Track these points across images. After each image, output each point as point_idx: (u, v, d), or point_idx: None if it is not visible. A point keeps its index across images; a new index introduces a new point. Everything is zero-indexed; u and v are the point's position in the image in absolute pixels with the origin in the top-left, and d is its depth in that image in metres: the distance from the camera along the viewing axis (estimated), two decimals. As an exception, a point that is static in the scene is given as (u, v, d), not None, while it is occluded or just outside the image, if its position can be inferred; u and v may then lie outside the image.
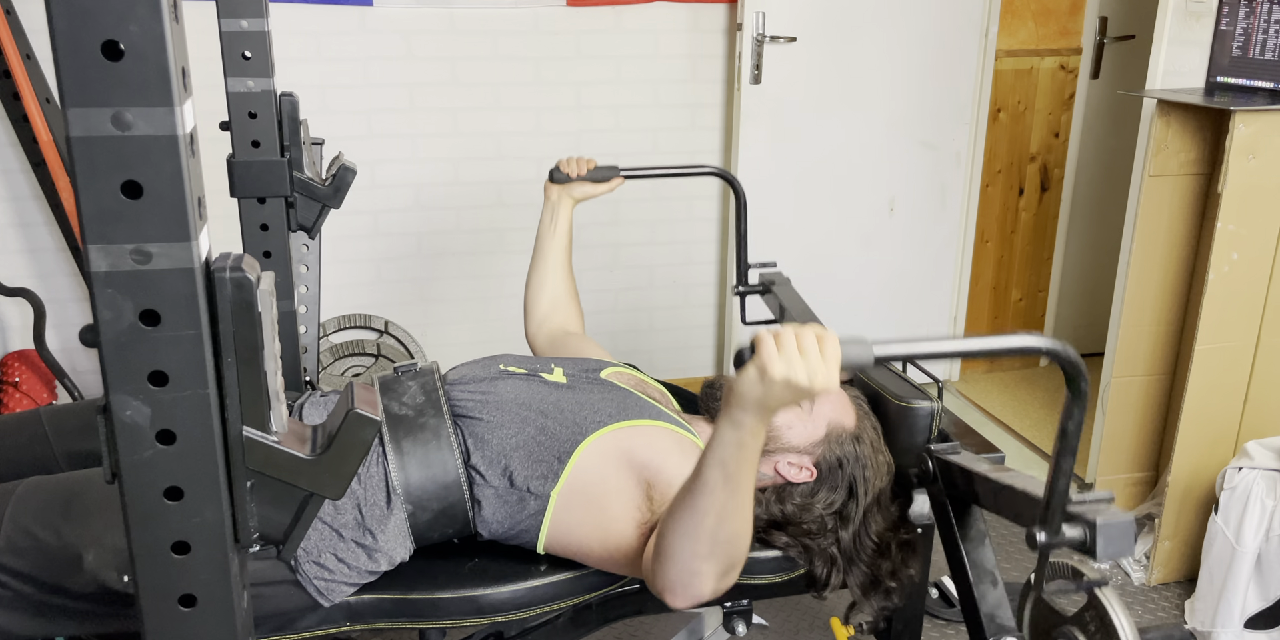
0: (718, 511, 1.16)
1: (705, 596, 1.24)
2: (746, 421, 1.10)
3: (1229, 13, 2.32)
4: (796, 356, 1.04)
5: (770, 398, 1.07)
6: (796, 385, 1.04)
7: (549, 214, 1.91)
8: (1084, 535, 1.09)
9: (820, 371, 1.04)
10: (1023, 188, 3.60)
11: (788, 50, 3.09)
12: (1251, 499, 2.09)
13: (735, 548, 1.21)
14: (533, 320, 1.93)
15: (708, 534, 1.18)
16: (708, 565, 1.21)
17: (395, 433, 1.42)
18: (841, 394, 1.56)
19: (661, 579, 1.25)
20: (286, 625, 1.37)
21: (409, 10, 2.94)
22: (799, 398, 1.06)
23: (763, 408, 1.09)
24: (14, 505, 1.32)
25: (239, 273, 0.70)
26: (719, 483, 1.15)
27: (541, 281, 1.92)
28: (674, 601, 1.25)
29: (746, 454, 1.13)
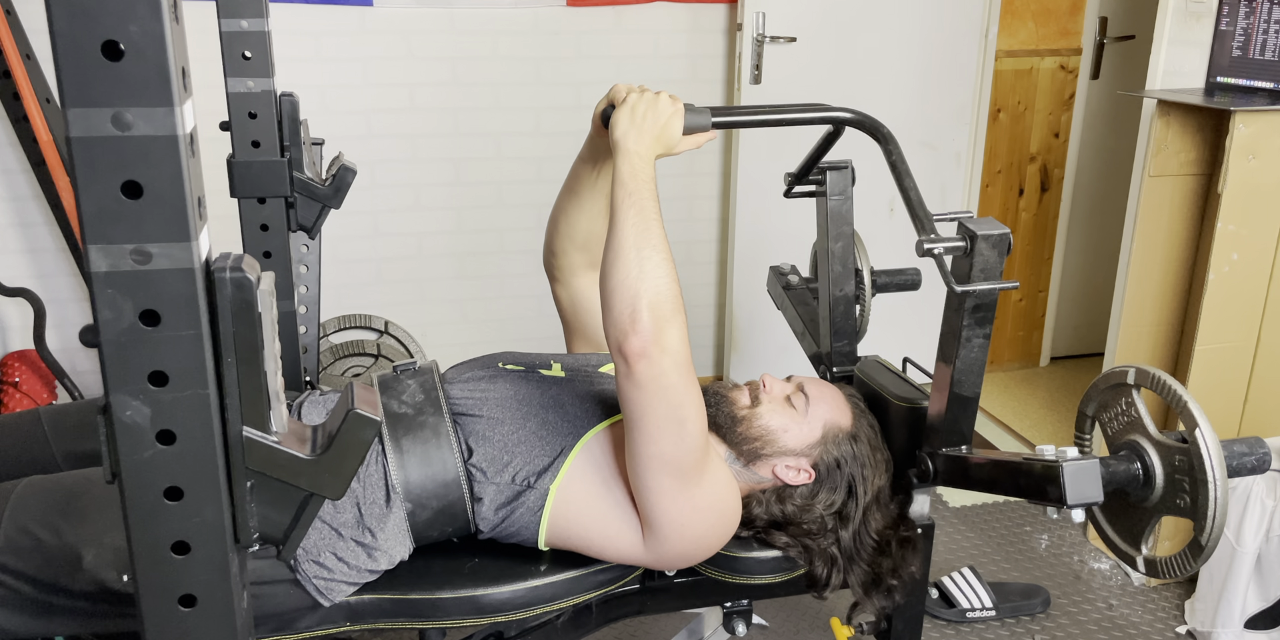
0: (631, 226, 1.30)
1: (651, 332, 1.25)
2: (628, 144, 1.36)
3: (1229, 13, 2.32)
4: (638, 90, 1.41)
5: (635, 113, 1.37)
6: (647, 95, 1.39)
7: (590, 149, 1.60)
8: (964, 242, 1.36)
9: (662, 96, 1.39)
10: (1023, 188, 3.60)
11: (788, 50, 3.09)
12: (1251, 499, 2.09)
13: (661, 267, 1.29)
14: (560, 266, 1.71)
15: (630, 250, 1.29)
16: (644, 284, 1.27)
17: (395, 431, 1.42)
18: (837, 394, 1.56)
19: (612, 327, 1.28)
20: (286, 625, 1.37)
21: (409, 10, 2.94)
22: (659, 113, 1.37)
23: (635, 127, 1.36)
24: (13, 505, 1.33)
25: (239, 273, 0.70)
26: (623, 199, 1.32)
27: (573, 223, 1.66)
28: (628, 344, 1.26)
29: (640, 175, 1.34)
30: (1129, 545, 1.35)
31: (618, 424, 1.46)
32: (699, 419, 1.33)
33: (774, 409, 1.51)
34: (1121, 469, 1.28)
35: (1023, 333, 3.78)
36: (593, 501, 1.41)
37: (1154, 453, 1.27)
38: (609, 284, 1.30)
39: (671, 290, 1.29)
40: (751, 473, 1.49)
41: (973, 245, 1.34)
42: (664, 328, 1.26)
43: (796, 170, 1.78)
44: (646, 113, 1.37)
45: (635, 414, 1.31)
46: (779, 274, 2.05)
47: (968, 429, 1.46)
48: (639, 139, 1.36)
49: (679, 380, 1.28)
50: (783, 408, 1.51)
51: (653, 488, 1.35)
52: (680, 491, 1.35)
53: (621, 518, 1.40)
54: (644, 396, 1.28)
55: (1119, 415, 1.34)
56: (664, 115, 1.38)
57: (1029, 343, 3.80)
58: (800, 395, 1.52)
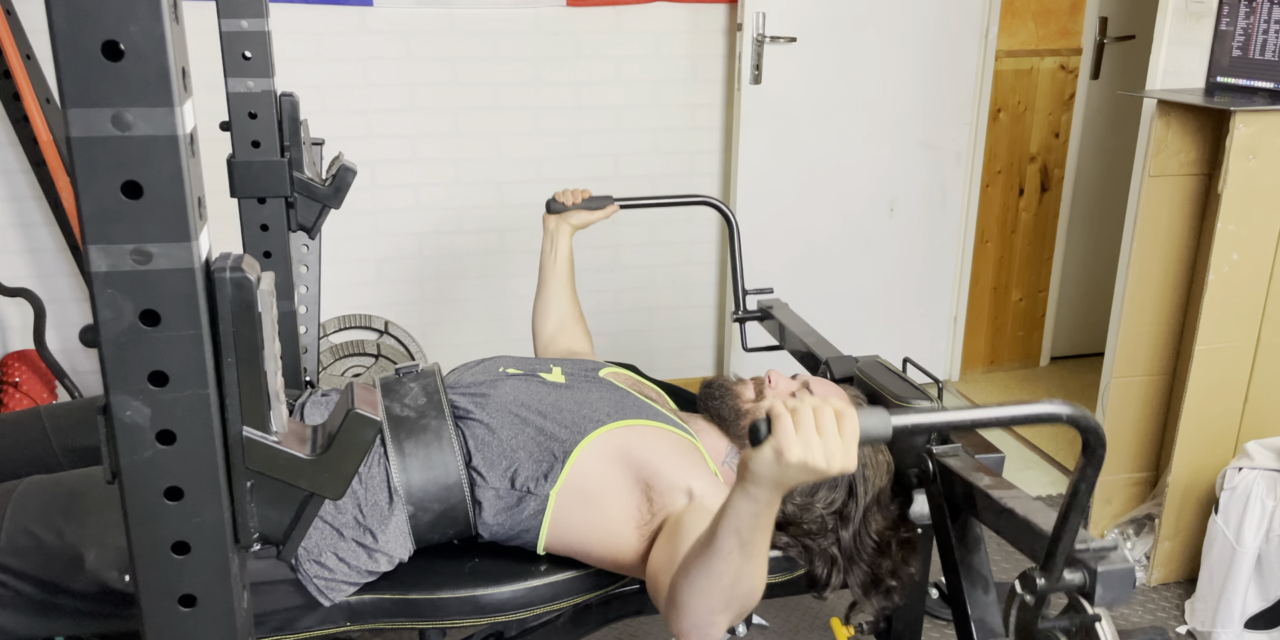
0: (734, 574, 1.16)
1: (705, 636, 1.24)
2: (761, 496, 1.08)
3: (1229, 13, 2.32)
4: (815, 437, 1.01)
5: (786, 478, 1.04)
6: (814, 468, 1.01)
7: (549, 243, 1.98)
8: (1084, 580, 1.08)
9: (838, 453, 1.01)
10: (1023, 188, 3.60)
11: (788, 50, 3.09)
12: (1251, 499, 2.09)
13: (750, 600, 1.21)
14: (540, 341, 1.96)
15: (723, 592, 1.17)
16: (723, 617, 1.20)
17: (397, 434, 1.42)
18: (842, 394, 1.56)
19: (676, 626, 1.24)
20: (286, 625, 1.37)
21: (409, 10, 2.94)
22: (816, 479, 1.04)
23: (778, 485, 1.07)
24: (14, 505, 1.33)
25: (239, 273, 0.70)
26: (734, 549, 1.14)
27: (546, 307, 1.97)
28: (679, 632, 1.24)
29: (761, 523, 1.12)
30: None
31: (617, 430, 1.46)
32: None
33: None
34: None
35: (1023, 333, 3.78)
36: (592, 513, 1.41)
37: None
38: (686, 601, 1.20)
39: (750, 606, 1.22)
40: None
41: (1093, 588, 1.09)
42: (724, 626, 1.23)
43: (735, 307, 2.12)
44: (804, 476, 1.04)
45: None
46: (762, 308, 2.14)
47: None
48: (777, 487, 1.07)
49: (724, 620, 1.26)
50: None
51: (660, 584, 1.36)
52: None
53: (622, 529, 1.40)
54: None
55: None
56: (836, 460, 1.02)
57: (1029, 343, 3.80)
58: (805, 392, 1.52)
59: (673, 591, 1.23)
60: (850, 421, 1.00)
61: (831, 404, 1.01)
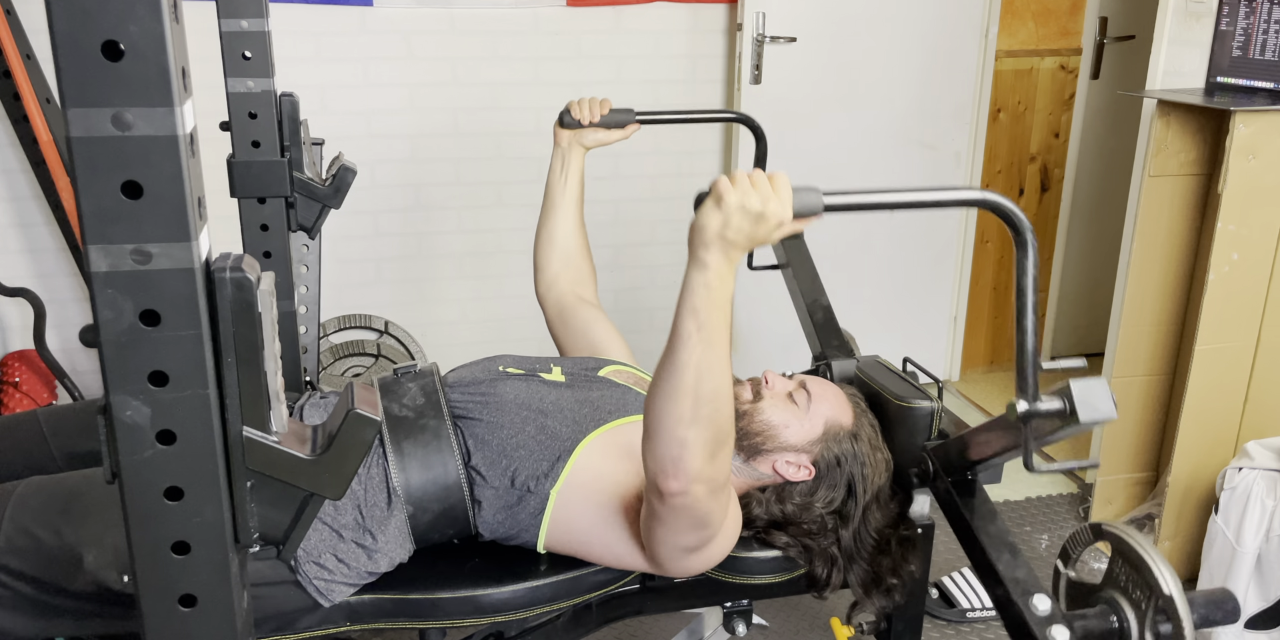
0: (696, 365, 1.14)
1: (694, 477, 1.19)
2: (711, 260, 1.11)
3: (1229, 13, 2.32)
4: (749, 186, 1.09)
5: (729, 227, 1.09)
6: (751, 209, 1.08)
7: (559, 162, 1.81)
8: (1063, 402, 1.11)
9: (773, 199, 1.08)
10: (1023, 188, 3.60)
11: (788, 50, 3.09)
12: (1251, 499, 2.09)
13: (718, 411, 1.17)
14: (543, 278, 1.83)
15: (689, 392, 1.15)
16: (693, 432, 1.16)
17: (396, 434, 1.42)
18: (839, 392, 1.56)
19: (651, 462, 1.21)
20: (286, 625, 1.37)
21: (409, 10, 2.94)
22: (757, 227, 1.09)
23: (723, 240, 1.10)
24: (13, 505, 1.32)
25: (239, 273, 0.70)
26: (693, 332, 1.14)
27: (551, 235, 1.81)
28: (665, 483, 1.20)
29: (716, 298, 1.13)
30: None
31: (618, 427, 1.46)
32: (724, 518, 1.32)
33: (776, 404, 1.51)
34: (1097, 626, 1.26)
35: (1023, 333, 3.77)
36: (594, 507, 1.41)
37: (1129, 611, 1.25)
38: (656, 415, 1.19)
39: (723, 432, 1.19)
40: (752, 469, 1.49)
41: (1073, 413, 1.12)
42: (706, 468, 1.20)
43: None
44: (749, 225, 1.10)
45: (657, 520, 1.29)
46: None
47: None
48: (726, 252, 1.11)
49: (714, 504, 1.26)
50: (785, 403, 1.51)
51: (664, 556, 1.35)
52: (694, 555, 1.36)
53: (622, 525, 1.40)
54: (673, 516, 1.26)
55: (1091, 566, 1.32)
56: (770, 225, 1.10)
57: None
58: (802, 392, 1.52)
59: (645, 419, 1.21)
60: (782, 178, 1.10)
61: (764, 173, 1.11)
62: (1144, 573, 1.20)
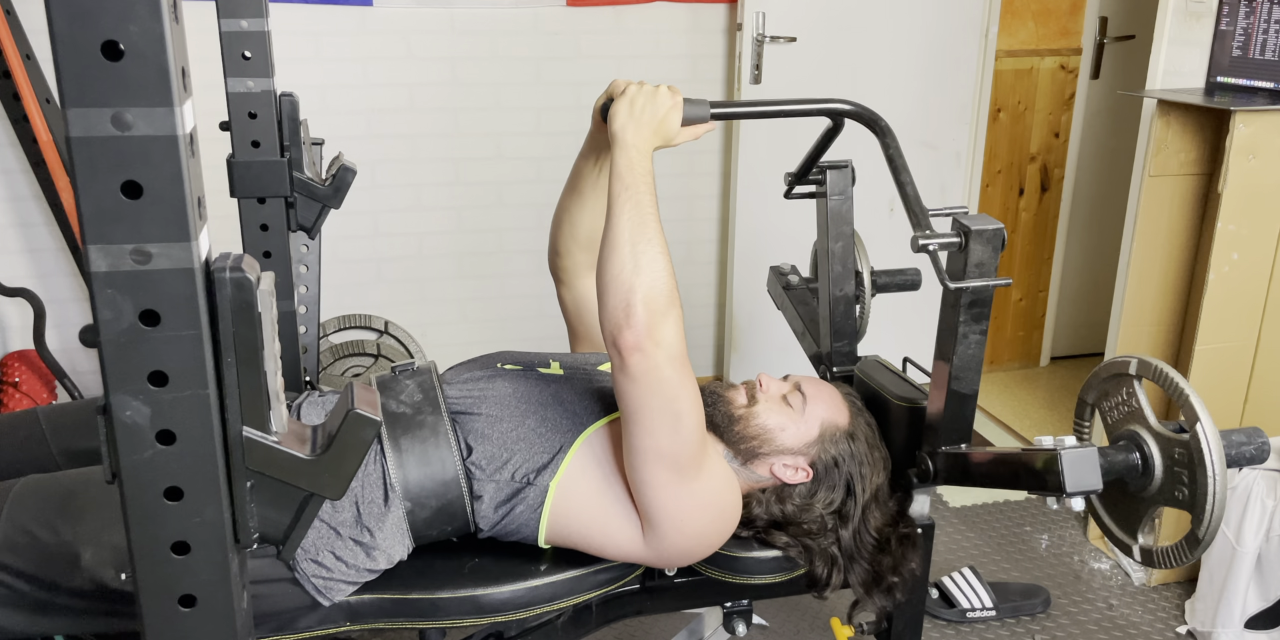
0: (627, 220, 1.30)
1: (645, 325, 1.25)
2: (626, 137, 1.36)
3: (1229, 13, 2.32)
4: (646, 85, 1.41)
5: (634, 107, 1.37)
6: (645, 91, 1.39)
7: (593, 150, 1.63)
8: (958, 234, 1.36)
9: (661, 87, 1.40)
10: (1023, 188, 3.60)
11: (788, 50, 3.09)
12: (1251, 499, 2.09)
13: (655, 261, 1.29)
14: (564, 265, 1.71)
15: (625, 243, 1.29)
16: (638, 279, 1.27)
17: (393, 431, 1.42)
18: (834, 392, 1.56)
19: (607, 320, 1.29)
20: (286, 625, 1.37)
21: (409, 10, 2.94)
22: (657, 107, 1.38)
23: (634, 121, 1.37)
24: (11, 503, 1.33)
25: (239, 273, 0.70)
26: (620, 193, 1.32)
27: (577, 223, 1.67)
28: (622, 337, 1.26)
29: (636, 166, 1.34)
30: (1127, 535, 1.35)
31: (617, 421, 1.46)
32: (695, 413, 1.33)
33: (771, 408, 1.51)
34: (1120, 458, 1.28)
35: (1023, 333, 3.78)
36: (593, 498, 1.41)
37: (1153, 443, 1.27)
38: (604, 278, 1.30)
39: (667, 284, 1.29)
40: (750, 472, 1.49)
41: (967, 241, 1.34)
42: (658, 322, 1.27)
43: (796, 170, 1.79)
44: (645, 106, 1.38)
45: (631, 408, 1.31)
46: (779, 274, 2.05)
47: (966, 426, 1.46)
48: (637, 132, 1.36)
49: (673, 374, 1.29)
50: (779, 406, 1.51)
51: (651, 482, 1.35)
52: (678, 486, 1.35)
53: (621, 514, 1.40)
54: (639, 390, 1.29)
55: (1119, 405, 1.34)
56: (662, 108, 1.38)
57: (1029, 343, 3.80)
58: (797, 394, 1.52)
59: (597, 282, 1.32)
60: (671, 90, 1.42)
61: None
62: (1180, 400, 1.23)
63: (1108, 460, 1.27)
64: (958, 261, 1.36)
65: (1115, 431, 1.35)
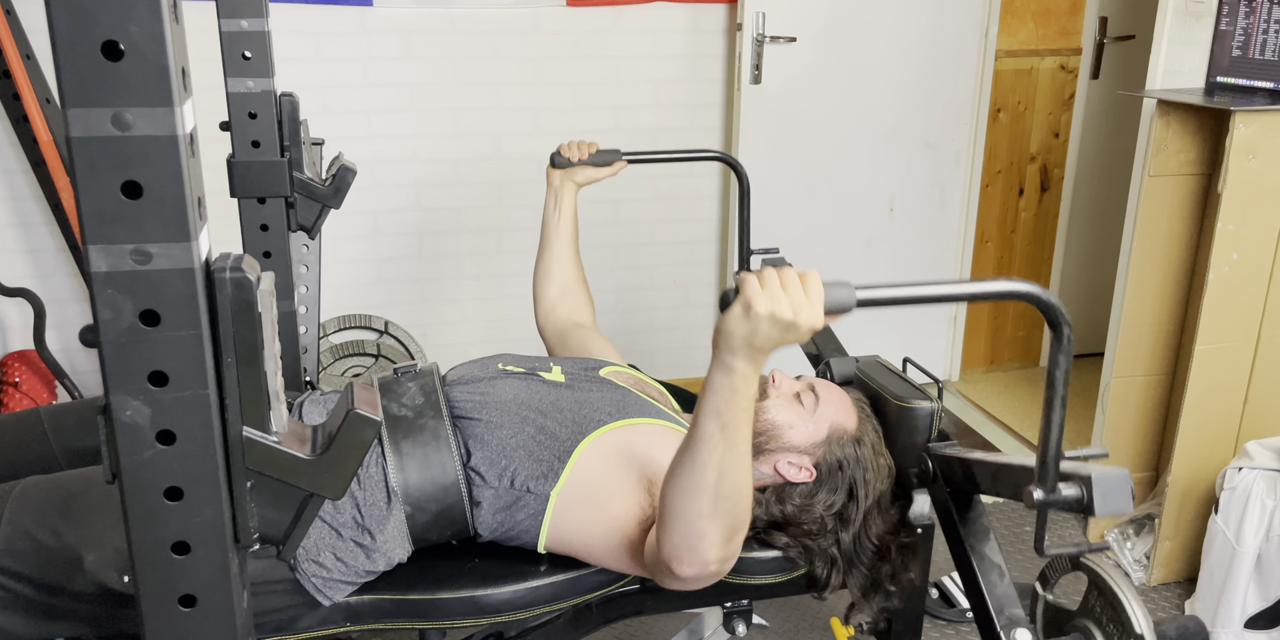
0: (718, 464, 1.14)
1: (711, 562, 1.20)
2: (737, 365, 1.10)
3: (1229, 13, 2.32)
4: (780, 291, 1.05)
5: (757, 335, 1.07)
6: (782, 319, 1.05)
7: (552, 200, 1.90)
8: (1080, 492, 1.08)
9: (804, 306, 1.05)
10: (1023, 188, 3.60)
11: (788, 50, 3.09)
12: (1251, 499, 2.09)
13: (738, 505, 1.18)
14: (541, 308, 1.91)
15: (709, 489, 1.15)
16: (712, 525, 1.17)
17: (394, 434, 1.42)
18: (845, 397, 1.56)
19: (667, 546, 1.21)
20: (286, 625, 1.37)
21: (409, 10, 2.94)
22: (786, 335, 1.06)
23: (750, 347, 1.08)
24: (12, 506, 1.32)
25: (239, 273, 0.70)
26: (716, 432, 1.13)
27: (549, 269, 1.91)
28: (680, 569, 1.21)
29: (740, 401, 1.12)
30: None
31: (617, 430, 1.46)
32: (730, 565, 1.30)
33: (781, 404, 1.51)
34: None
35: (1023, 333, 3.78)
36: (594, 510, 1.41)
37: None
38: (673, 507, 1.19)
39: (741, 522, 1.20)
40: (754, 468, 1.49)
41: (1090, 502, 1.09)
42: (723, 552, 1.21)
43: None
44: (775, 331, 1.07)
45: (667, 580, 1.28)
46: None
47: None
48: (753, 356, 1.10)
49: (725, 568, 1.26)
50: (790, 404, 1.51)
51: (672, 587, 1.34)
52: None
53: (622, 529, 1.39)
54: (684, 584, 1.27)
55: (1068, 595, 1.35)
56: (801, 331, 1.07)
57: (1029, 343, 3.80)
58: (810, 394, 1.52)
59: (661, 506, 1.21)
60: (814, 279, 1.06)
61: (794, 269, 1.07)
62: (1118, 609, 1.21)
63: None
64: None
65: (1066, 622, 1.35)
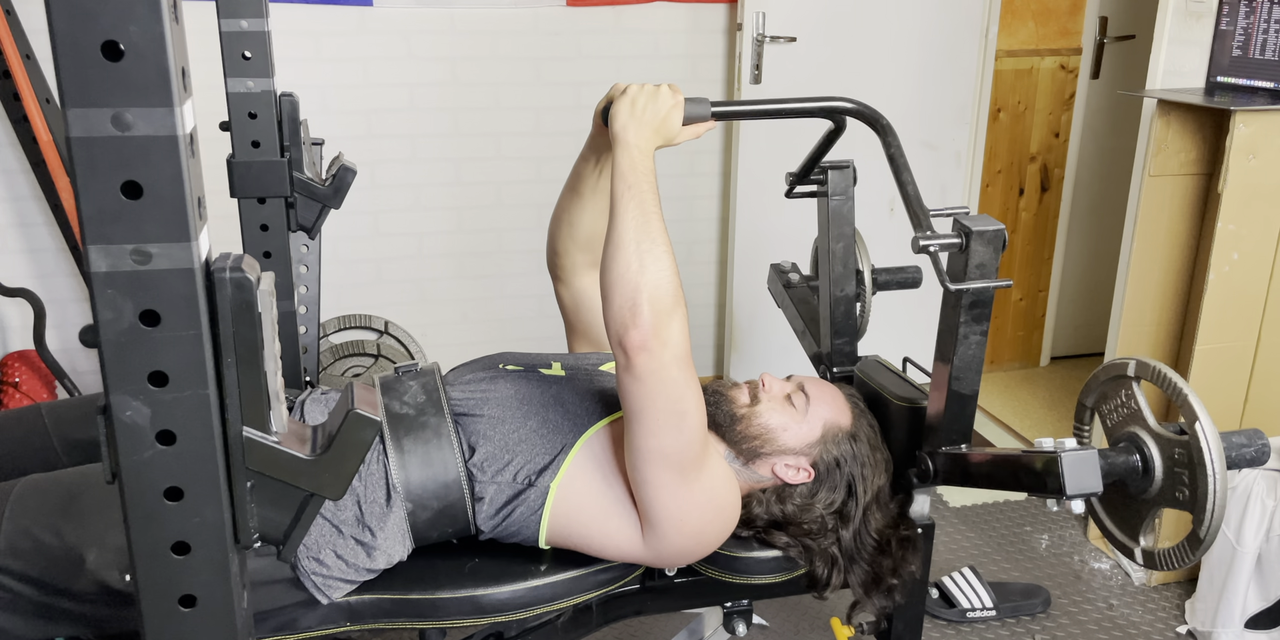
0: (630, 220, 1.31)
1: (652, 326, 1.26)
2: (628, 137, 1.36)
3: (1229, 13, 2.32)
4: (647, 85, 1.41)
5: (635, 106, 1.38)
6: (647, 89, 1.39)
7: (593, 152, 1.60)
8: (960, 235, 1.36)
9: (662, 86, 1.40)
10: (1023, 188, 3.60)
11: (788, 50, 3.09)
12: (1251, 499, 2.09)
13: (659, 260, 1.29)
14: (563, 264, 1.71)
15: (630, 244, 1.29)
16: (644, 278, 1.27)
17: (396, 431, 1.43)
18: (837, 394, 1.56)
19: (612, 320, 1.29)
20: (287, 625, 1.37)
21: (409, 10, 2.94)
22: (659, 106, 1.38)
23: (635, 120, 1.37)
24: (12, 506, 1.32)
25: (239, 273, 0.70)
26: (624, 192, 1.33)
27: (576, 223, 1.66)
28: (628, 336, 1.26)
29: (639, 166, 1.34)
30: (1128, 537, 1.35)
31: (618, 421, 1.46)
32: (698, 413, 1.33)
33: (773, 408, 1.51)
34: (1120, 460, 1.28)
35: (1023, 333, 3.78)
36: (594, 498, 1.41)
37: (1153, 444, 1.27)
38: (609, 277, 1.30)
39: (672, 284, 1.29)
40: (751, 472, 1.49)
41: (968, 242, 1.34)
42: (664, 321, 1.27)
43: (798, 170, 1.79)
44: (646, 105, 1.38)
45: (635, 408, 1.31)
46: (780, 272, 2.05)
47: (966, 427, 1.46)
48: (638, 131, 1.37)
49: (679, 373, 1.29)
50: (782, 406, 1.51)
51: (652, 482, 1.35)
52: (679, 486, 1.35)
53: (622, 515, 1.41)
54: (643, 390, 1.29)
55: (1119, 407, 1.34)
56: (664, 106, 1.38)
57: (1029, 343, 3.80)
58: (800, 394, 1.52)
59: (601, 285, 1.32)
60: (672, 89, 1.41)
61: None
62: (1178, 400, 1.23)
63: (1108, 462, 1.27)
64: (958, 263, 1.36)
65: (1115, 434, 1.35)
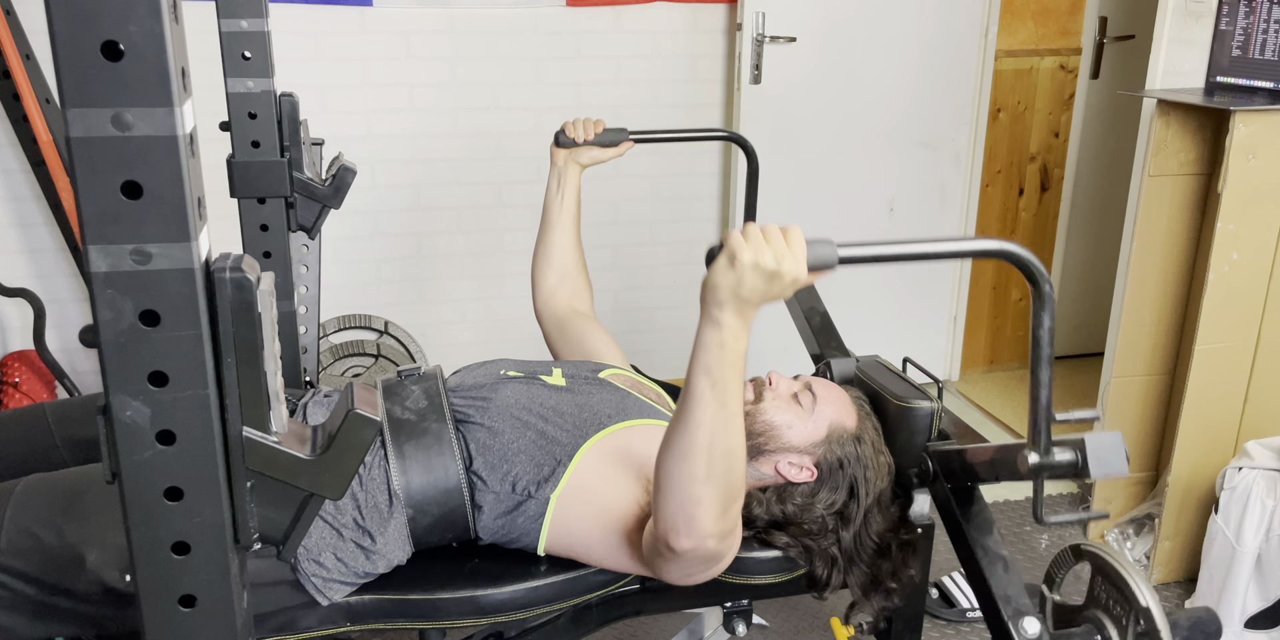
0: (710, 423, 1.14)
1: (708, 535, 1.19)
2: (725, 318, 1.11)
3: (1229, 13, 2.32)
4: (763, 243, 1.08)
5: (743, 286, 1.09)
6: (766, 267, 1.07)
7: (555, 181, 1.84)
8: (1075, 455, 1.12)
9: (787, 256, 1.07)
10: (1023, 188, 3.60)
11: (788, 50, 3.09)
12: (1251, 499, 2.09)
13: (731, 469, 1.17)
14: (540, 293, 1.87)
15: (703, 450, 1.15)
16: (706, 490, 1.16)
17: (398, 437, 1.42)
18: (843, 395, 1.56)
19: (663, 519, 1.20)
20: (287, 625, 1.37)
21: (409, 10, 2.94)
22: (772, 285, 1.08)
23: (738, 298, 1.10)
24: (14, 505, 1.32)
25: (239, 273, 0.70)
26: (706, 390, 1.13)
27: (549, 251, 1.86)
28: (678, 542, 1.20)
29: (730, 356, 1.12)
30: None
31: (618, 432, 1.46)
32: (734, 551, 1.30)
33: (779, 405, 1.51)
34: None
35: (1023, 332, 3.78)
36: (594, 512, 1.41)
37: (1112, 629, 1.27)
38: (668, 473, 1.19)
39: (736, 489, 1.21)
40: (754, 469, 1.49)
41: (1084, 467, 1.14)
42: (720, 524, 1.21)
43: None
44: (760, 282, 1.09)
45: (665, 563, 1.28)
46: None
47: None
48: (741, 309, 1.11)
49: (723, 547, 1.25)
50: (788, 404, 1.51)
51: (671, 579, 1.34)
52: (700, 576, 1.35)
53: (623, 531, 1.40)
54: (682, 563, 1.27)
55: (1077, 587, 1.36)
56: (787, 276, 1.09)
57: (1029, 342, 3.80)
58: (807, 394, 1.52)
59: (655, 475, 1.21)
60: (795, 232, 1.09)
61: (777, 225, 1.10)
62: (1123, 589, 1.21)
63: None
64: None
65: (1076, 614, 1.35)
